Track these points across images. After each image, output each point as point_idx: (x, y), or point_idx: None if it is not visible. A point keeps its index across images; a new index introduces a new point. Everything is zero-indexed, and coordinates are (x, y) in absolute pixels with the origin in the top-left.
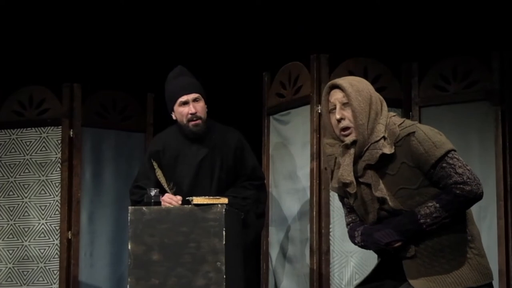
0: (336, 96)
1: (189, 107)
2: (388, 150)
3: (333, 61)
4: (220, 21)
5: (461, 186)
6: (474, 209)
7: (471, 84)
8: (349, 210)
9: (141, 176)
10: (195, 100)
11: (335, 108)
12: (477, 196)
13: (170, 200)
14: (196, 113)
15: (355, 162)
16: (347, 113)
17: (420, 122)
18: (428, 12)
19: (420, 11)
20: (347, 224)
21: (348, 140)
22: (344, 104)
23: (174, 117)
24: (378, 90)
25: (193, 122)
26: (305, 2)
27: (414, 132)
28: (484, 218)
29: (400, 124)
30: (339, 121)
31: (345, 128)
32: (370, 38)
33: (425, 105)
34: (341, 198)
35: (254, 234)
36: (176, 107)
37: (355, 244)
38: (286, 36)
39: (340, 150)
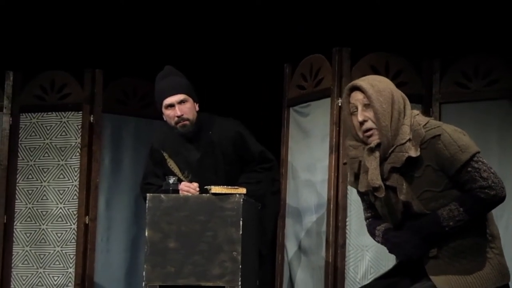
0: (357, 97)
1: (175, 110)
2: (414, 153)
3: (355, 55)
4: (244, 11)
5: (487, 190)
6: None
7: (492, 82)
8: (368, 205)
9: (149, 175)
10: (181, 102)
11: (356, 110)
12: (501, 200)
13: (188, 188)
14: (182, 115)
15: (380, 165)
16: (369, 114)
17: (440, 118)
18: (452, 9)
19: (445, 8)
20: (366, 219)
21: (372, 143)
22: (366, 105)
23: (164, 119)
24: (399, 85)
25: (180, 124)
26: None
27: (440, 135)
28: (501, 217)
29: (425, 124)
30: (361, 123)
31: (368, 130)
32: (393, 33)
33: (445, 101)
34: (361, 194)
35: (274, 217)
36: (163, 110)
37: (376, 241)
38: (309, 29)
39: (366, 153)
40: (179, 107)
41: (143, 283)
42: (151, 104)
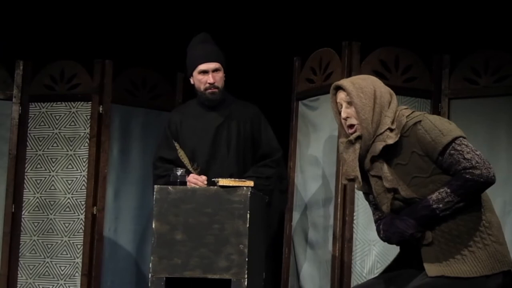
0: (341, 97)
1: (208, 77)
2: (392, 140)
3: (364, 49)
4: (254, 4)
5: (471, 170)
6: (499, 203)
7: (502, 78)
8: (375, 207)
9: (163, 148)
10: (215, 70)
11: (342, 108)
12: (489, 180)
13: (196, 180)
14: (214, 83)
15: (365, 157)
16: (352, 111)
17: (449, 114)
18: (462, 5)
19: (455, 3)
20: (375, 222)
21: (351, 136)
22: (349, 103)
23: (192, 82)
24: (408, 80)
25: (210, 91)
26: None
27: (420, 121)
28: (509, 213)
29: (409, 115)
30: (345, 119)
31: (351, 126)
32: (403, 28)
33: (454, 97)
34: (366, 196)
35: (279, 214)
36: (195, 74)
37: (381, 239)
38: (319, 22)
39: (345, 146)
40: (212, 75)
41: (150, 274)
42: (160, 95)
